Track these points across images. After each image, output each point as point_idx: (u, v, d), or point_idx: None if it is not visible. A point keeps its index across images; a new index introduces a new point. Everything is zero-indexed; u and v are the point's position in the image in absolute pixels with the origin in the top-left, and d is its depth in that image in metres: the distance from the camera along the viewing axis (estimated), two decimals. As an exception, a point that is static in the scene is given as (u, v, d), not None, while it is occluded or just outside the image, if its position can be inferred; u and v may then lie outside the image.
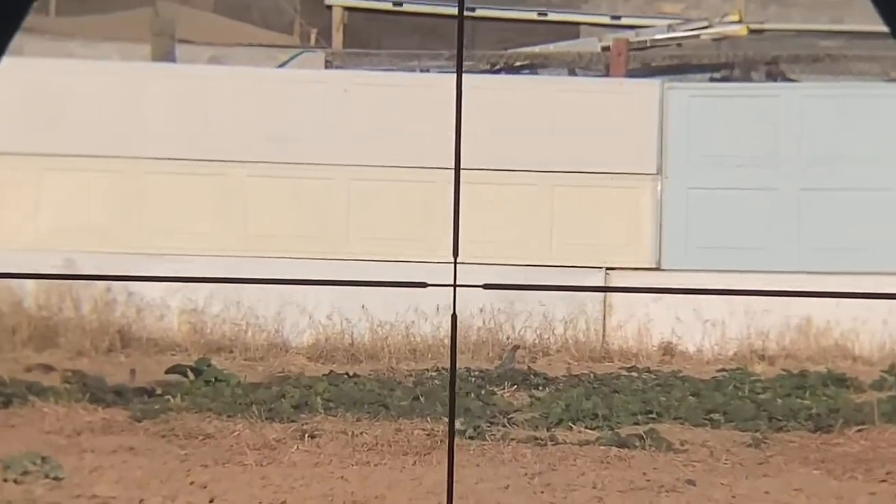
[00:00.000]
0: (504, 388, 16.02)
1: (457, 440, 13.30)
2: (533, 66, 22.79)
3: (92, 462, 12.25)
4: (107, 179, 19.16)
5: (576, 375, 17.11)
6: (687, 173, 19.49)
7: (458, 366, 17.46)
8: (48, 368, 16.42)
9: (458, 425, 13.58)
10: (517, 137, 19.37)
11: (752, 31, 23.76)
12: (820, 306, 18.55)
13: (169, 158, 19.23)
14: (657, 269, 19.46)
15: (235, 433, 13.30)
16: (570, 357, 18.38)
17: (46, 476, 11.75)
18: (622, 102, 19.69)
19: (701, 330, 18.77)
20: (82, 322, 18.16)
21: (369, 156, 19.32)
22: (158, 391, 15.27)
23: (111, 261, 18.59)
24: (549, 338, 18.71)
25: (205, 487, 11.64)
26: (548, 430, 13.92)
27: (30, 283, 18.43)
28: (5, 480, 11.65)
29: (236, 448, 12.83)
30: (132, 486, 11.63)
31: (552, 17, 25.32)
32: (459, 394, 15.31)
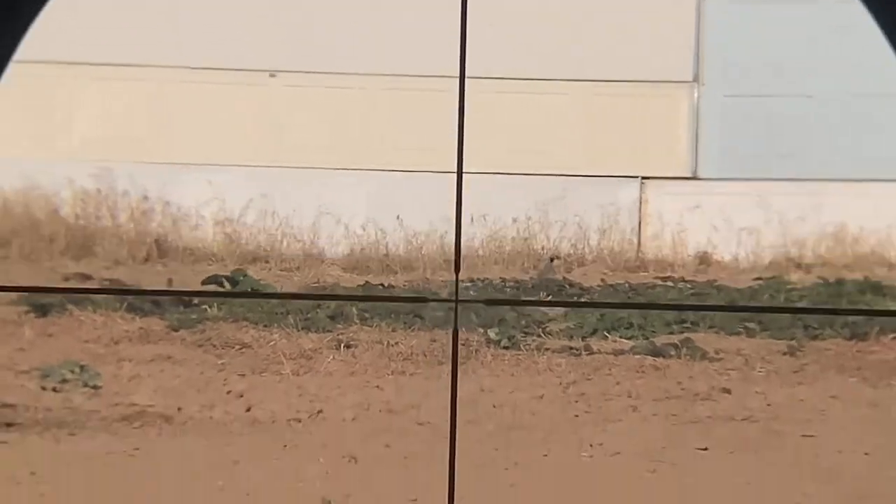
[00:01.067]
0: (539, 298, 16.02)
1: (491, 350, 13.34)
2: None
3: (130, 371, 12.34)
4: (141, 89, 19.15)
5: (611, 285, 17.11)
6: (724, 81, 19.33)
7: (491, 275, 17.47)
8: (86, 277, 16.50)
9: (492, 335, 13.60)
10: (551, 45, 19.23)
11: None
12: (856, 212, 18.45)
13: (203, 68, 19.18)
14: (693, 177, 19.37)
15: (271, 343, 13.37)
16: (605, 267, 18.37)
17: (85, 384, 11.84)
18: (658, 8, 19.50)
19: (736, 238, 18.71)
20: (119, 231, 18.23)
21: (402, 66, 19.20)
22: (195, 301, 15.33)
23: (145, 171, 18.63)
24: (583, 248, 18.69)
25: (241, 396, 11.72)
26: (582, 339, 13.93)
27: (67, 191, 18.48)
28: (44, 388, 11.75)
29: (272, 357, 12.90)
30: (170, 394, 11.72)
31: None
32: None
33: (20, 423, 10.85)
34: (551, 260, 17.95)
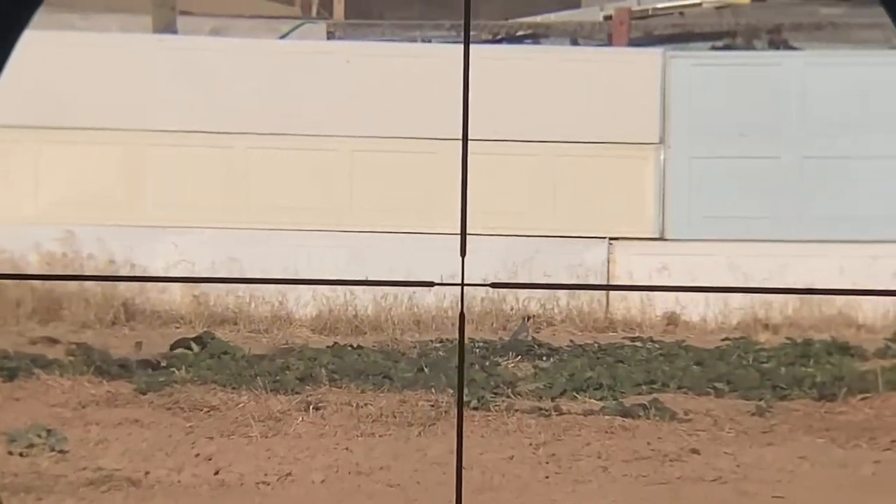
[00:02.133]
0: (508, 359, 16.03)
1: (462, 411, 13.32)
2: (535, 36, 22.76)
3: (97, 434, 12.27)
4: (108, 152, 19.15)
5: (580, 345, 17.13)
6: (690, 143, 19.47)
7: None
8: (53, 341, 16.43)
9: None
10: (519, 108, 19.34)
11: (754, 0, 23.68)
12: (822, 274, 18.55)
13: (170, 131, 19.22)
14: (661, 238, 19.46)
15: (240, 405, 13.32)
16: (574, 327, 18.40)
17: (52, 449, 11.76)
18: (624, 72, 19.65)
19: (704, 299, 18.77)
20: (86, 294, 18.16)
21: (372, 127, 19.29)
22: (163, 364, 15.28)
23: (113, 233, 18.61)
24: (553, 308, 18.72)
25: (210, 459, 11.66)
26: (552, 400, 13.93)
27: (33, 256, 18.44)
28: (11, 454, 11.66)
29: (241, 420, 12.84)
30: (137, 458, 11.65)
31: (554, -14, 25.21)
32: (465, 363, 15.31)
33: (-15, 487, 10.77)
34: (525, 319, 17.99)
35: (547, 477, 11.50)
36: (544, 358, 16.23)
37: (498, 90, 19.11)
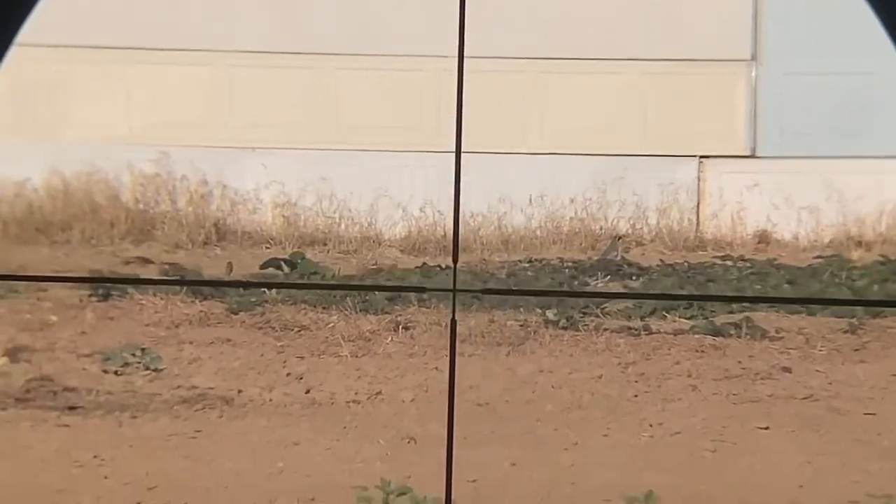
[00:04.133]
0: (597, 279, 15.98)
1: (550, 330, 13.32)
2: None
3: (190, 353, 12.42)
4: (197, 73, 19.23)
5: (669, 265, 17.04)
6: (782, 58, 19.18)
7: (549, 256, 17.44)
8: (146, 261, 16.61)
9: (550, 316, 13.58)
10: (608, 25, 19.15)
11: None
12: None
13: (260, 52, 19.24)
14: (752, 156, 19.26)
15: (330, 325, 13.40)
16: (664, 246, 18.30)
17: (146, 367, 11.93)
18: (716, -13, 19.37)
19: (796, 217, 18.58)
20: (178, 215, 18.32)
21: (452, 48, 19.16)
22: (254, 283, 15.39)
23: (204, 155, 18.72)
24: (642, 227, 18.63)
25: (301, 378, 11.77)
26: (641, 319, 13.88)
27: (126, 175, 18.59)
28: (106, 372, 11.85)
29: (331, 339, 12.93)
30: (230, 376, 11.78)
31: None
32: (553, 284, 15.30)
33: (82, 406, 10.94)
34: (616, 239, 17.90)
35: (636, 396, 11.49)
36: (633, 277, 16.17)
37: (588, 7, 18.92)
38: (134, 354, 12.07)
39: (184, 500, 8.99)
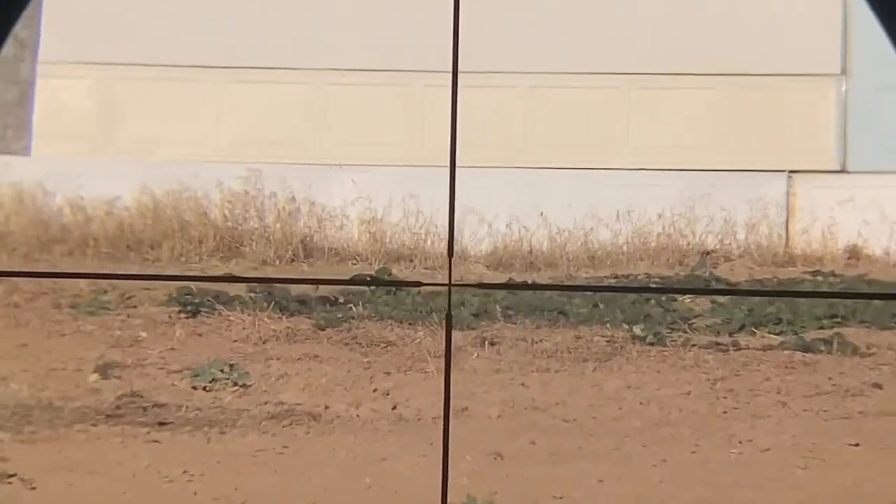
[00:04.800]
0: (685, 294, 15.86)
1: (636, 346, 13.25)
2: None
3: (278, 369, 12.48)
4: (287, 91, 19.36)
5: (758, 280, 16.89)
6: (873, 72, 18.97)
7: (636, 272, 17.35)
8: (234, 278, 16.71)
9: (637, 331, 13.52)
10: (692, 40, 19.05)
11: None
12: None
13: (347, 69, 19.34)
14: (842, 171, 19.06)
15: (416, 341, 13.42)
16: (752, 262, 18.15)
17: (234, 383, 12.00)
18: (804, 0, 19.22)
19: (888, 232, 18.36)
20: (266, 232, 18.43)
21: (549, 63, 19.18)
22: (341, 300, 15.45)
23: (294, 171, 18.83)
24: (730, 243, 18.49)
25: (387, 394, 11.79)
26: (730, 335, 13.78)
27: (215, 194, 18.73)
28: (195, 388, 11.94)
29: (418, 355, 12.95)
30: (317, 392, 11.83)
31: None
32: (639, 300, 15.21)
33: (172, 422, 11.04)
34: (706, 254, 17.77)
35: (725, 412, 11.40)
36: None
37: (677, 22, 18.85)
38: (222, 370, 12.16)
39: (271, 516, 9.02)
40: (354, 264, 17.91)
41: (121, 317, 14.27)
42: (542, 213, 18.37)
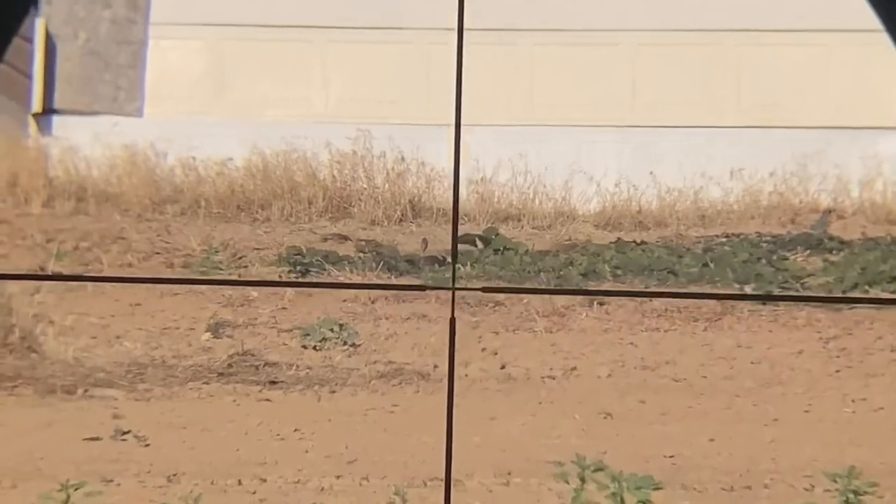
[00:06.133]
0: (797, 252, 15.70)
1: (748, 305, 13.14)
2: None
3: (387, 329, 12.54)
4: (393, 51, 19.37)
5: (872, 238, 16.64)
6: None
7: (747, 231, 17.17)
8: (343, 238, 16.80)
9: (749, 291, 13.40)
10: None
11: None
12: None
13: (454, 29, 19.28)
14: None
15: (525, 300, 13.41)
16: (866, 220, 17.88)
17: (344, 343, 12.08)
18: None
19: None
20: (375, 193, 18.48)
21: (652, 20, 19.00)
22: (449, 260, 15.47)
23: (400, 132, 18.85)
24: (843, 200, 18.22)
25: (496, 354, 11.80)
26: (843, 293, 13.60)
27: (324, 154, 18.80)
28: (305, 347, 12.03)
29: (526, 315, 12.94)
30: (426, 352, 11.86)
31: None
32: (751, 260, 15.06)
33: (283, 381, 11.14)
34: (828, 212, 17.52)
35: (838, 371, 11.28)
36: (834, 252, 15.84)
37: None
38: (332, 330, 12.24)
39: (383, 474, 9.08)
40: (462, 224, 17.90)
41: (232, 276, 14.41)
42: (651, 172, 18.23)
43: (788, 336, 12.21)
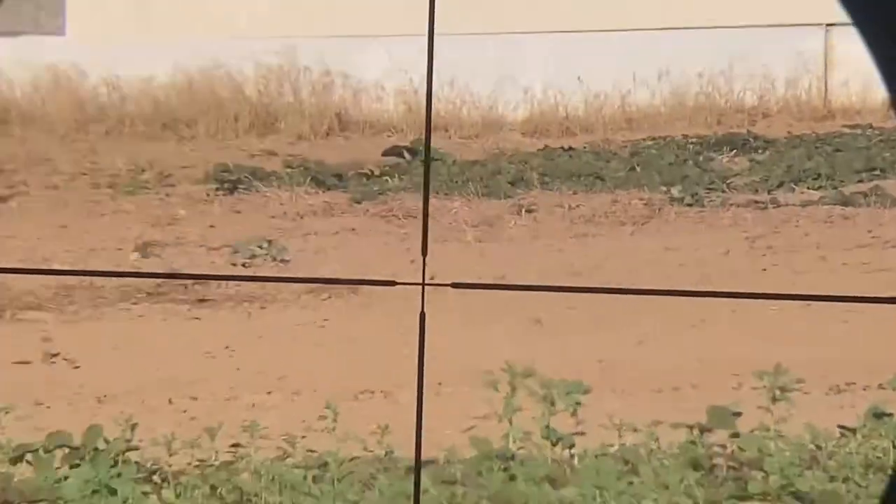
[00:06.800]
0: (722, 153, 15.78)
1: (675, 207, 13.21)
2: None
3: (316, 244, 12.52)
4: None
5: (797, 136, 16.76)
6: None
7: (674, 133, 17.23)
8: (270, 154, 16.72)
9: (675, 193, 13.47)
10: None
11: None
12: None
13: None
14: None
15: (453, 211, 13.42)
16: (791, 117, 17.99)
17: (273, 258, 12.05)
18: None
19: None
20: (301, 107, 18.38)
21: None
22: (377, 172, 15.45)
23: (324, 45, 18.70)
24: (769, 99, 18.30)
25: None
26: (769, 192, 13.71)
27: (249, 69, 18.64)
28: (234, 265, 12.00)
29: (455, 226, 12.95)
30: (355, 266, 11.86)
31: None
32: (677, 162, 15.13)
33: (213, 298, 11.10)
34: None
35: (764, 269, 11.38)
36: (760, 151, 15.94)
37: None
38: (261, 246, 12.21)
39: (314, 389, 9.09)
40: (389, 136, 17.85)
41: (159, 195, 14.31)
42: (578, 77, 18.21)
43: (714, 236, 12.31)
